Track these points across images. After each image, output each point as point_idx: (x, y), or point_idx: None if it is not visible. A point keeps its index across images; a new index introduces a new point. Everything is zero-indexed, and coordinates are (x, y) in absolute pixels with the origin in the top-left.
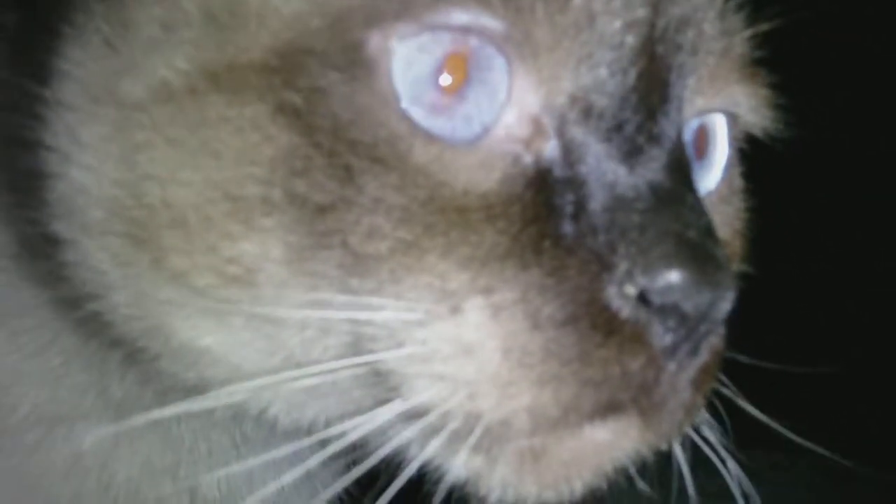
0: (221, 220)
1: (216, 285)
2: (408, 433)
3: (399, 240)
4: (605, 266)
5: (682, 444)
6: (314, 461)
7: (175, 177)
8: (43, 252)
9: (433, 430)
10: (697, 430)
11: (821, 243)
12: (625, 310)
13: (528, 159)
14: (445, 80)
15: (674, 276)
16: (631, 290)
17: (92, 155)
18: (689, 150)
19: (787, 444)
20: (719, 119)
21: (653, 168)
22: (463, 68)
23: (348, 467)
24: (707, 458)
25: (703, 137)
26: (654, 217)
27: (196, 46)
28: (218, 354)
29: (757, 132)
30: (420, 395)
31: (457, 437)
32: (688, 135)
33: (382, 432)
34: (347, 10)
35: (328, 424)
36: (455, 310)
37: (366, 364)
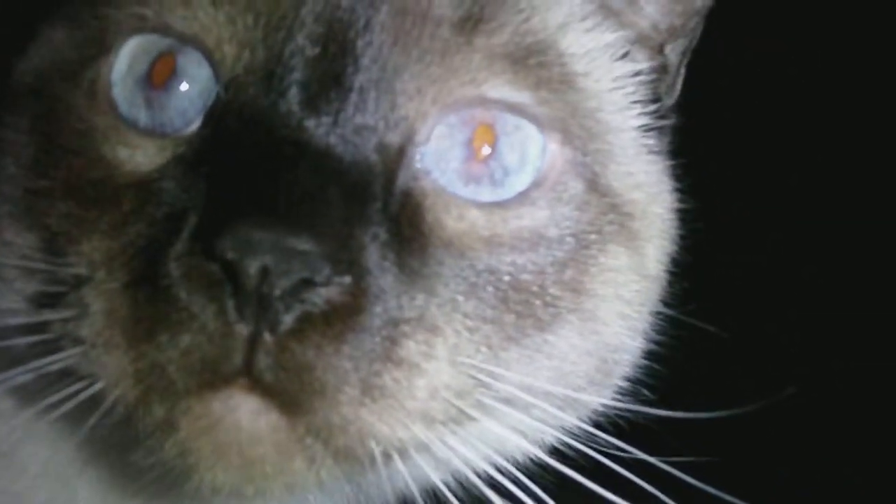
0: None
1: None
2: (56, 395)
3: (70, 214)
4: (183, 223)
5: None
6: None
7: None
8: None
9: (72, 394)
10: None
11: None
12: (191, 269)
13: (192, 142)
14: (158, 76)
15: (231, 234)
16: (196, 246)
17: None
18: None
19: None
20: (513, 121)
21: (302, 134)
22: (171, 66)
23: None
24: None
25: (486, 135)
26: (251, 177)
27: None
28: None
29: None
30: (63, 355)
31: (91, 403)
32: (449, 120)
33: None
34: (93, 37)
35: None
36: (88, 277)
37: (44, 321)
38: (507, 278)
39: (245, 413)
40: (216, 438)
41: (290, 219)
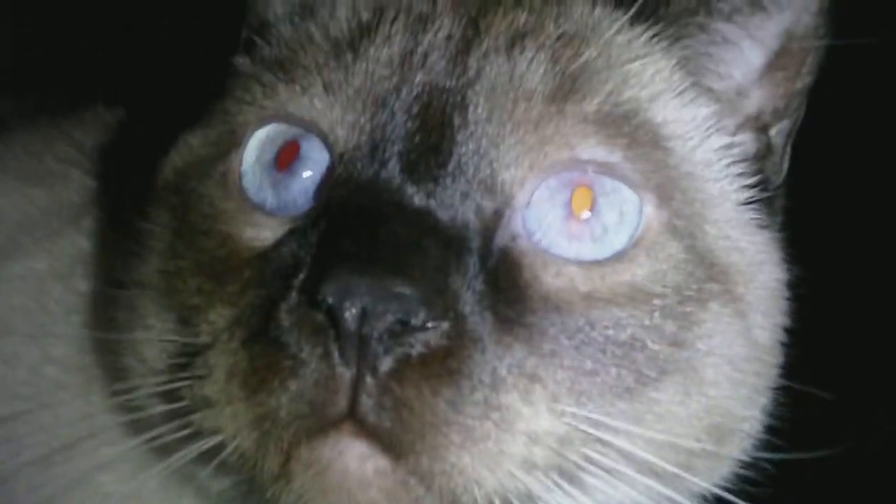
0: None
1: None
2: (187, 451)
3: (200, 289)
4: (294, 280)
5: None
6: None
7: None
8: None
9: (202, 451)
10: None
11: None
12: (300, 319)
13: (308, 216)
14: (283, 160)
15: (332, 280)
16: (301, 297)
17: None
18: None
19: None
20: (610, 183)
21: (406, 196)
22: (295, 150)
23: None
24: None
25: (584, 196)
26: (353, 235)
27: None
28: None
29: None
30: (194, 416)
31: (209, 456)
32: (548, 184)
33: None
34: (224, 134)
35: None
36: (212, 343)
37: (175, 387)
38: (607, 332)
39: (353, 457)
40: (327, 483)
41: (386, 265)
